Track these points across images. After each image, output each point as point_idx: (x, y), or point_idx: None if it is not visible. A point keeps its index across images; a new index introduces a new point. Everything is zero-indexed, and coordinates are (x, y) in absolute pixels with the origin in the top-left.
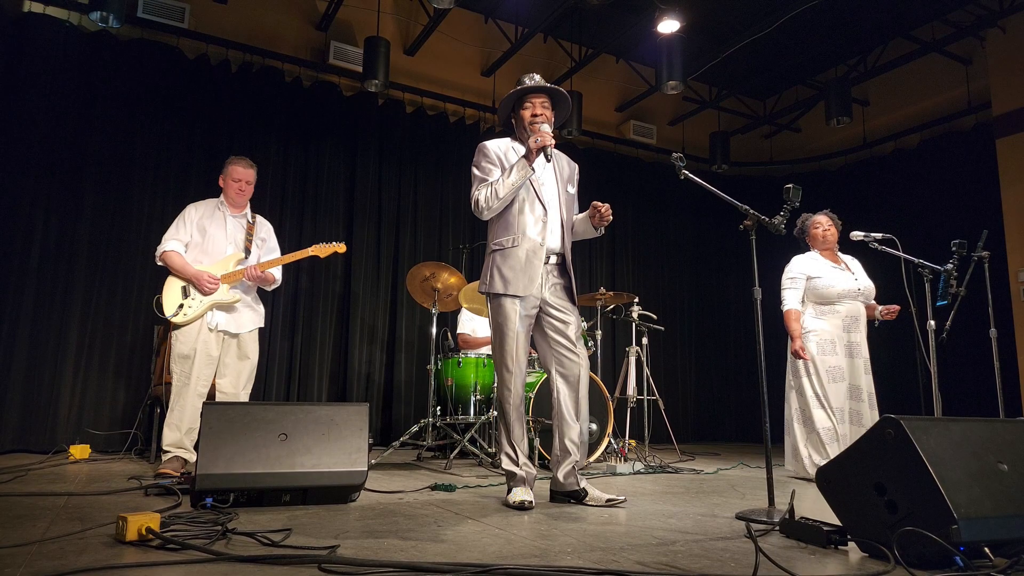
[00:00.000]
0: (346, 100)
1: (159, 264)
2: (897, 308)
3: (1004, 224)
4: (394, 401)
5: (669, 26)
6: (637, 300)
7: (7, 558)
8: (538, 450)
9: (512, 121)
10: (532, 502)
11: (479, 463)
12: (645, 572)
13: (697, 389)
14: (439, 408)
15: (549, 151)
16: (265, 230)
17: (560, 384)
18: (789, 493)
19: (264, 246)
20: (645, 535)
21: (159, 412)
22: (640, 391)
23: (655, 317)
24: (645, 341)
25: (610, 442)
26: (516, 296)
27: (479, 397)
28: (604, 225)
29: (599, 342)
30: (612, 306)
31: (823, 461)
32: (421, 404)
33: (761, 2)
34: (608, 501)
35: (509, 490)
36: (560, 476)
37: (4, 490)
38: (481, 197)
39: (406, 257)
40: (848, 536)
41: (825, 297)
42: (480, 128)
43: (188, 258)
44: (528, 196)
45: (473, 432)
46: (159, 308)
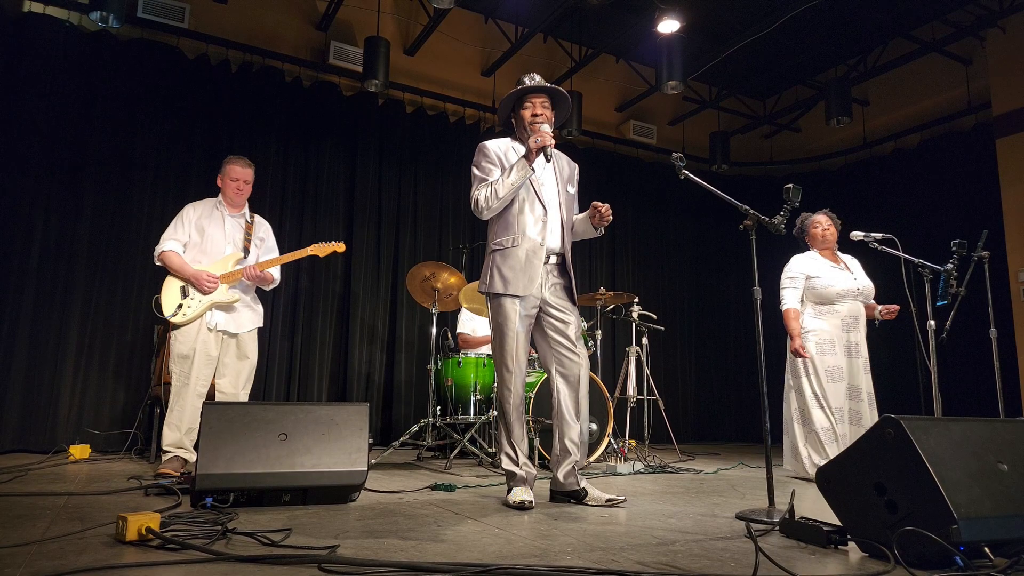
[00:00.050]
0: (346, 100)
1: (157, 264)
2: (897, 308)
3: (1004, 224)
4: (394, 401)
5: (669, 26)
6: (637, 300)
7: (7, 558)
8: (538, 450)
9: (512, 121)
10: (532, 502)
11: (479, 463)
12: (645, 572)
13: (697, 389)
14: (439, 408)
15: (549, 151)
16: (263, 230)
17: (560, 384)
18: (789, 493)
19: (263, 246)
20: (645, 535)
21: (159, 412)
22: (640, 391)
23: (655, 317)
24: (645, 341)
25: (610, 442)
26: (516, 296)
27: (479, 397)
28: (604, 225)
29: (599, 342)
30: (612, 306)
31: (822, 461)
32: (421, 404)
33: (761, 2)
34: (608, 501)
35: (509, 490)
36: (560, 476)
37: (4, 490)
38: (481, 197)
39: (406, 257)
40: (848, 536)
41: (824, 297)
42: (480, 128)
43: (187, 258)
44: (528, 196)
45: (473, 432)
46: (158, 308)
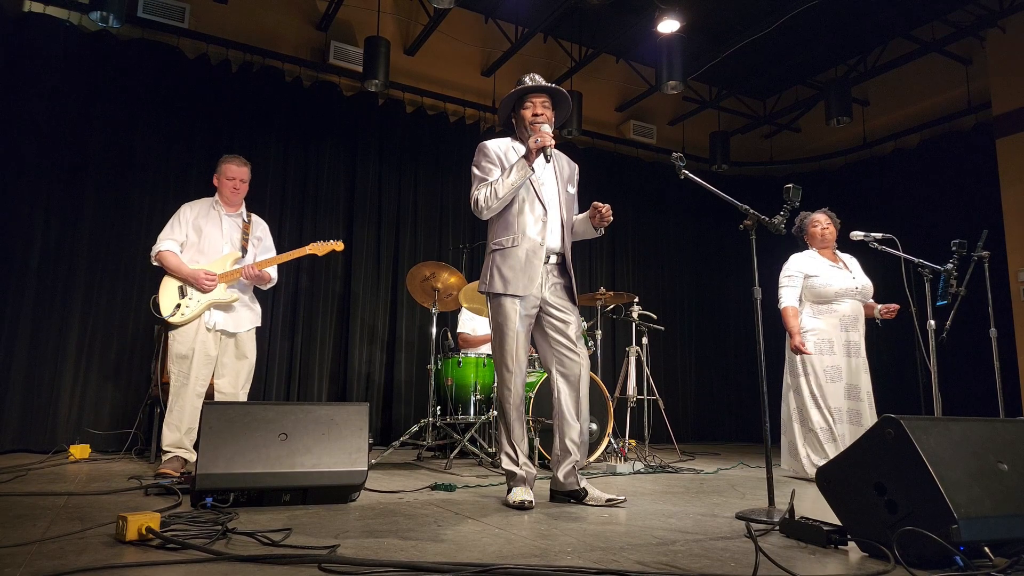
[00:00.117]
0: (346, 100)
1: (154, 264)
2: (896, 307)
3: (1004, 224)
4: (394, 401)
5: (669, 26)
6: (637, 300)
7: (7, 558)
8: (538, 450)
9: (512, 121)
10: (532, 502)
11: (479, 463)
12: (645, 572)
13: (697, 389)
14: (439, 408)
15: (549, 151)
16: (261, 229)
17: (561, 384)
18: (789, 493)
19: (260, 245)
20: (645, 535)
21: (159, 412)
22: (640, 391)
23: (655, 317)
24: (645, 341)
25: (610, 442)
26: (516, 296)
27: (479, 397)
28: (604, 225)
29: (599, 342)
30: (612, 306)
31: (821, 461)
32: (421, 404)
33: (761, 2)
34: (608, 501)
35: (509, 490)
36: (560, 476)
37: (4, 490)
38: (481, 197)
39: (406, 257)
40: (848, 536)
41: (823, 296)
42: (480, 128)
43: (184, 258)
44: (528, 196)
45: (473, 432)
46: (156, 309)
